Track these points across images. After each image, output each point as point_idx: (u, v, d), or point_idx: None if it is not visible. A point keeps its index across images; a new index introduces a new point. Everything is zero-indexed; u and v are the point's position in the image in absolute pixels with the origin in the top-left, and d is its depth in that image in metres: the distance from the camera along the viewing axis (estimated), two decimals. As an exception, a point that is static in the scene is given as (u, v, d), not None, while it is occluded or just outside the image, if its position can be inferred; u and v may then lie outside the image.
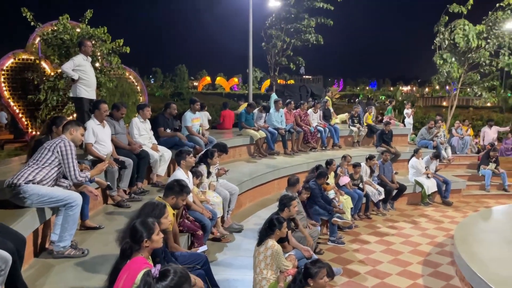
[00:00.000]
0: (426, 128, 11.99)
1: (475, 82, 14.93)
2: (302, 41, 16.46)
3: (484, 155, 11.32)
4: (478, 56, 13.15)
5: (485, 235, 6.31)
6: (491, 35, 13.02)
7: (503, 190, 10.79)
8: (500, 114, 21.09)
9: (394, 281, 5.57)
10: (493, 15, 13.18)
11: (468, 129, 13.94)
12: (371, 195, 8.61)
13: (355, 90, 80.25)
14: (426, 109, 26.41)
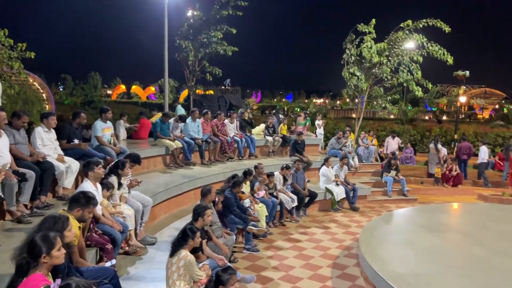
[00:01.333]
0: (335, 138, 12.74)
1: (380, 96, 16.20)
2: (214, 51, 16.65)
3: (386, 163, 12.30)
4: (381, 72, 14.32)
5: (387, 237, 6.82)
6: (392, 53, 14.26)
7: (402, 195, 11.78)
8: (401, 126, 23.08)
9: (306, 285, 5.81)
10: (394, 34, 14.45)
11: (373, 139, 15.05)
12: (285, 202, 8.91)
13: (272, 102, 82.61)
14: (337, 121, 28.03)
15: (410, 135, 21.35)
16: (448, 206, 9.91)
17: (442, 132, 21.61)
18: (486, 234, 6.91)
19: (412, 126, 22.75)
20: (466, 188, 13.64)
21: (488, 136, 20.68)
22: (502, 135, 20.68)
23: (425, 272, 5.15)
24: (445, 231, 7.21)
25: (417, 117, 30.70)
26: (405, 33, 14.09)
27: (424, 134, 21.44)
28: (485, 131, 22.13)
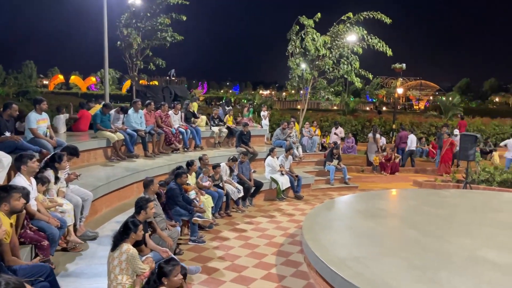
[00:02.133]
0: (280, 129, 12.94)
1: (324, 87, 16.63)
2: (159, 41, 16.20)
3: (328, 153, 12.69)
4: (324, 64, 14.69)
5: (329, 223, 7.06)
6: (334, 45, 14.67)
7: (344, 183, 12.24)
8: (344, 116, 23.89)
9: (251, 273, 5.89)
10: (336, 27, 14.85)
11: (316, 129, 15.46)
12: (231, 193, 8.95)
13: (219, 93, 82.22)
14: (282, 112, 28.48)
15: (352, 126, 22.17)
16: (386, 193, 10.43)
17: (382, 122, 22.64)
18: (420, 218, 7.36)
19: (353, 117, 23.61)
20: (403, 175, 14.41)
21: (423, 126, 21.94)
22: (435, 125, 22.04)
23: (364, 255, 5.40)
24: (383, 216, 7.59)
25: (358, 108, 31.91)
26: (346, 25, 14.51)
27: (365, 124, 22.34)
28: (420, 121, 23.45)
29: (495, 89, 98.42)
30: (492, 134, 22.31)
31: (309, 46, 14.01)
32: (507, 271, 4.97)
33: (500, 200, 9.20)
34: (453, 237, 6.22)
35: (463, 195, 9.71)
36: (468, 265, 5.16)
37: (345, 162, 13.52)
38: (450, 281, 4.65)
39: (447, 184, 11.98)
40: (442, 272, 4.89)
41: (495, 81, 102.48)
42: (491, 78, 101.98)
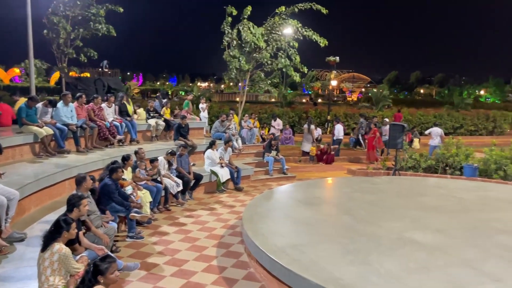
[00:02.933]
0: (219, 122, 12.92)
1: (261, 80, 16.78)
2: (90, 31, 15.45)
3: (267, 144, 12.89)
4: (261, 56, 14.81)
5: (268, 213, 7.19)
6: (270, 38, 14.82)
7: (283, 173, 12.51)
8: (281, 109, 24.30)
9: (191, 266, 5.87)
10: (271, 20, 15.00)
11: (255, 121, 15.61)
12: (170, 187, 8.81)
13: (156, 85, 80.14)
14: (221, 104, 28.38)
15: (289, 117, 22.63)
16: (322, 181, 10.82)
17: (317, 113, 23.34)
18: (353, 204, 7.73)
19: (291, 109, 24.09)
20: (338, 164, 15.01)
21: (356, 117, 22.91)
22: (367, 115, 23.10)
23: (302, 242, 5.58)
24: (319, 204, 7.87)
25: (295, 100, 32.58)
26: (281, 18, 14.70)
27: (301, 116, 22.90)
28: (353, 112, 24.49)
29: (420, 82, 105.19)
30: (418, 123, 23.84)
31: (248, 37, 14.01)
32: (431, 251, 5.37)
33: (425, 185, 9.89)
34: (383, 221, 6.60)
35: (392, 181, 10.32)
36: (397, 247, 5.50)
37: (283, 153, 13.81)
38: (380, 262, 4.94)
39: (378, 171, 12.65)
40: (373, 254, 5.18)
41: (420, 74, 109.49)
42: (417, 71, 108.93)
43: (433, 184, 9.90)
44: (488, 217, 6.96)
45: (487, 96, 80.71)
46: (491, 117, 26.50)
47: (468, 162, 11.52)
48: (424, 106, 34.10)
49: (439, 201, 8.05)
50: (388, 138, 12.25)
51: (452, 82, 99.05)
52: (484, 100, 71.79)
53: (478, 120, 26.04)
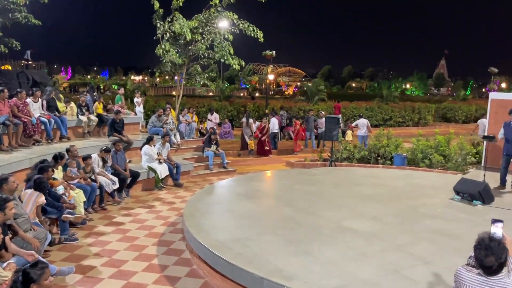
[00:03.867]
0: (156, 116, 12.56)
1: (198, 73, 16.52)
2: (9, 20, 14.29)
3: (206, 139, 12.75)
4: (197, 49, 14.55)
5: (210, 208, 7.12)
6: (205, 30, 14.59)
7: (223, 167, 12.45)
8: (219, 102, 24.17)
9: (131, 266, 5.65)
10: (206, 12, 14.77)
11: (193, 115, 15.38)
12: (105, 185, 8.42)
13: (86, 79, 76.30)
14: (157, 98, 27.65)
15: (228, 111, 22.58)
16: (262, 174, 10.92)
17: (255, 107, 23.50)
18: (293, 196, 7.88)
19: (229, 103, 24.05)
20: (277, 157, 15.24)
21: (293, 110, 23.39)
22: (303, 109, 23.69)
23: (244, 236, 5.59)
24: (260, 197, 7.94)
25: (233, 94, 32.57)
26: (217, 9, 14.51)
27: (240, 109, 22.94)
28: (290, 105, 24.96)
29: (352, 76, 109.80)
30: (351, 116, 24.85)
31: (177, 30, 13.67)
32: (367, 237, 5.62)
33: (359, 174, 10.33)
34: (322, 211, 6.80)
35: (329, 172, 10.67)
36: (336, 235, 5.69)
37: (223, 147, 13.75)
38: (321, 251, 5.08)
39: (315, 163, 13.01)
40: (314, 243, 5.31)
41: (352, 68, 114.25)
42: (349, 66, 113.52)
43: (367, 174, 10.36)
44: (416, 203, 7.42)
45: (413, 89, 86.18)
46: (417, 109, 28.29)
47: (397, 152, 12.19)
48: (356, 99, 35.63)
49: (373, 190, 8.45)
50: (324, 130, 12.63)
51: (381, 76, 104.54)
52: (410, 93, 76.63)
53: (405, 112, 27.67)
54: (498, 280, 2.55)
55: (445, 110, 32.74)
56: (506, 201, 7.81)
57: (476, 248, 2.60)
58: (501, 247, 2.53)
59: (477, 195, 7.40)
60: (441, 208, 7.17)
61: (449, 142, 12.26)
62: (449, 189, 8.03)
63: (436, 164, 11.49)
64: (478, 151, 12.25)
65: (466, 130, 23.36)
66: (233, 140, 17.55)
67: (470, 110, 32.57)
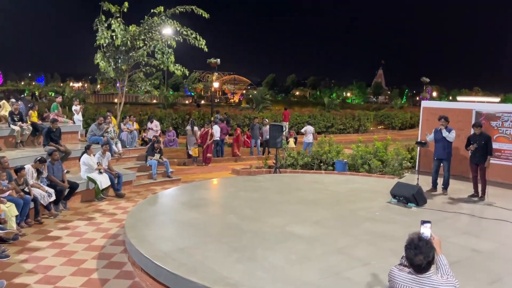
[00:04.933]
0: (96, 125, 12.10)
1: (142, 80, 16.13)
2: None
3: (149, 147, 12.47)
4: (138, 56, 14.22)
5: (153, 218, 6.96)
6: (148, 37, 14.32)
7: (167, 176, 12.22)
8: (163, 110, 23.77)
9: (68, 282, 5.38)
10: (149, 19, 14.52)
11: (134, 123, 15.00)
12: (40, 198, 7.97)
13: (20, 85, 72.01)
14: (98, 106, 26.68)
15: (172, 119, 22.26)
16: (207, 182, 10.86)
17: (201, 115, 23.35)
18: (238, 203, 7.90)
19: (173, 110, 23.72)
20: (222, 164, 15.22)
21: (238, 118, 23.51)
22: (249, 116, 23.88)
23: (189, 245, 5.52)
24: (205, 205, 7.88)
25: (177, 102, 32.19)
26: (161, 18, 14.32)
27: (184, 117, 22.69)
28: (235, 113, 25.07)
29: (295, 84, 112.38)
30: (295, 123, 25.40)
31: (117, 40, 13.29)
32: (310, 241, 5.76)
33: (303, 180, 10.57)
34: (267, 217, 6.88)
35: (274, 179, 10.82)
36: (280, 241, 5.78)
37: (167, 155, 13.51)
38: (265, 257, 5.13)
39: (260, 170, 13.14)
40: (258, 250, 5.36)
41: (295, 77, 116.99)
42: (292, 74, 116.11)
43: (310, 180, 10.62)
44: (356, 207, 7.72)
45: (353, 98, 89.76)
46: (357, 117, 29.49)
47: (339, 158, 12.63)
48: (299, 106, 36.48)
49: (316, 195, 8.68)
50: (269, 138, 12.80)
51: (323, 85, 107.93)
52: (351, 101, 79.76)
53: (346, 119, 28.75)
54: (427, 277, 2.71)
55: (383, 117, 34.40)
56: (437, 202, 8.33)
57: (406, 248, 2.75)
58: (429, 246, 2.71)
59: (411, 198, 7.83)
60: (379, 211, 7.51)
61: (386, 148, 12.89)
62: (387, 193, 8.42)
63: (374, 169, 12.02)
64: (413, 156, 12.98)
65: (402, 136, 24.72)
66: (178, 148, 17.32)
67: (406, 117, 34.48)
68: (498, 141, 10.18)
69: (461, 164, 10.24)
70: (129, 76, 15.07)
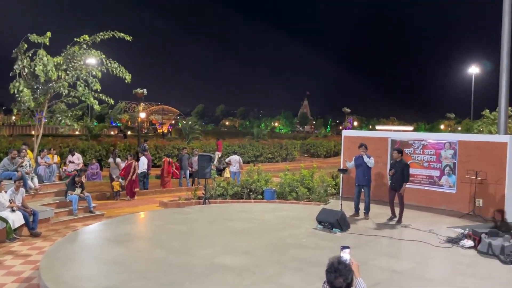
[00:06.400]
0: (8, 159, 11.20)
1: (63, 111, 15.32)
2: None
3: (70, 181, 11.76)
4: (59, 86, 13.56)
5: (73, 257, 6.52)
6: (70, 67, 13.75)
7: (89, 212, 11.55)
8: (86, 142, 22.69)
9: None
10: (71, 49, 14.00)
11: (54, 156, 14.14)
12: None
13: None
14: (13, 138, 24.80)
15: (96, 151, 21.29)
16: (133, 217, 10.43)
17: (127, 146, 22.61)
18: (165, 237, 7.68)
19: (97, 142, 22.72)
20: (150, 197, 14.74)
21: (166, 148, 23.09)
22: (178, 147, 23.56)
23: (112, 283, 5.23)
24: (130, 240, 7.55)
25: (102, 133, 30.91)
26: (82, 47, 13.89)
27: (109, 149, 21.80)
28: (164, 144, 24.61)
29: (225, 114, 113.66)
30: (225, 153, 25.49)
31: (39, 70, 12.61)
32: (239, 272, 5.73)
33: (232, 210, 10.56)
34: (195, 250, 6.75)
35: (203, 210, 10.69)
36: (208, 273, 5.68)
37: (90, 189, 12.83)
38: (193, 291, 5.00)
39: (190, 201, 12.91)
40: (186, 284, 5.23)
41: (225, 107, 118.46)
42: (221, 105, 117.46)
43: (239, 209, 10.64)
44: (284, 235, 7.86)
45: (281, 127, 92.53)
46: (284, 146, 30.33)
47: (267, 187, 12.83)
48: (229, 136, 36.78)
49: (245, 224, 8.70)
50: (197, 168, 12.69)
51: (252, 115, 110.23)
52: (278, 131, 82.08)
53: (274, 149, 29.43)
54: (347, 299, 2.82)
55: (309, 146, 35.72)
56: (360, 227, 8.74)
57: (327, 272, 2.86)
58: (348, 269, 2.83)
59: (335, 223, 8.14)
60: (306, 238, 7.70)
61: (312, 175, 13.35)
62: (313, 219, 8.68)
63: (302, 196, 12.36)
64: (337, 183, 13.56)
65: (327, 164, 25.80)
66: (102, 181, 16.51)
67: (330, 146, 36.10)
68: (412, 166, 10.99)
69: (380, 190, 10.89)
70: (48, 107, 14.27)
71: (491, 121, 27.99)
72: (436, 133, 23.02)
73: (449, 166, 10.63)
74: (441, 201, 10.63)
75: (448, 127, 61.17)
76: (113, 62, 14.13)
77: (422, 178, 11.09)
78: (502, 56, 11.01)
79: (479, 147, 10.16)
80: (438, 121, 75.85)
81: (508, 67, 11.01)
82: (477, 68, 38.77)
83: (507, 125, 12.42)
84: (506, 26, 10.91)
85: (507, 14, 10.88)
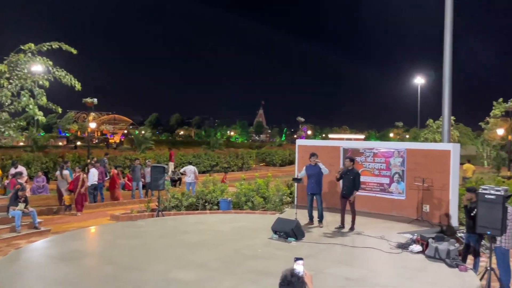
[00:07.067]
0: None
1: (5, 122, 14.47)
2: None
3: (12, 196, 11.09)
4: (1, 96, 12.81)
5: (14, 277, 6.12)
6: (13, 76, 13.04)
7: (34, 228, 10.93)
8: (31, 153, 21.57)
9: None
10: (15, 56, 13.30)
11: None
12: None
13: None
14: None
15: (42, 163, 20.29)
16: (82, 232, 9.96)
17: (76, 157, 21.72)
18: (116, 252, 7.39)
19: (43, 153, 21.67)
20: (101, 210, 14.19)
21: (118, 159, 22.40)
22: (130, 158, 22.90)
23: (57, 305, 4.93)
24: (79, 257, 7.19)
25: (49, 144, 29.56)
26: (28, 55, 13.24)
27: (57, 160, 20.85)
28: (115, 154, 23.86)
29: (180, 123, 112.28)
30: (179, 163, 25.10)
31: None
32: (193, 286, 5.60)
33: (187, 222, 10.36)
34: (148, 265, 6.53)
35: (157, 223, 10.41)
36: (161, 289, 5.51)
37: (35, 203, 12.17)
38: (145, 309, 4.82)
39: (143, 214, 12.54)
40: (138, 302, 5.02)
41: (180, 116, 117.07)
42: (176, 114, 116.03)
43: (194, 221, 10.46)
44: (240, 246, 7.80)
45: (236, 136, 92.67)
46: (240, 155, 30.36)
47: (223, 197, 12.73)
48: (184, 146, 36.33)
49: (200, 236, 8.55)
50: (150, 180, 12.38)
51: (207, 124, 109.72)
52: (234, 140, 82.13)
53: (230, 158, 29.37)
54: (300, 312, 2.81)
55: (264, 155, 35.99)
56: (314, 235, 8.83)
57: (280, 286, 2.84)
58: (301, 281, 2.83)
59: (290, 232, 8.18)
60: (262, 248, 7.68)
61: (268, 184, 13.39)
62: (269, 229, 8.67)
63: (257, 205, 12.36)
64: (292, 191, 13.68)
65: (283, 172, 26.03)
66: (49, 195, 15.71)
67: (285, 154, 36.55)
68: (363, 174, 11.28)
69: (333, 198, 11.08)
70: (-12, 117, 13.44)
71: (435, 130, 29.52)
72: (386, 142, 23.96)
73: (398, 173, 11.03)
74: (391, 208, 10.99)
75: (397, 135, 63.78)
76: (61, 70, 13.55)
77: (373, 185, 11.43)
78: (445, 68, 11.60)
79: (425, 155, 10.63)
80: (387, 129, 78.88)
81: (450, 79, 11.61)
82: (422, 79, 40.79)
83: (450, 134, 13.08)
84: (448, 38, 11.52)
85: (449, 27, 11.51)
